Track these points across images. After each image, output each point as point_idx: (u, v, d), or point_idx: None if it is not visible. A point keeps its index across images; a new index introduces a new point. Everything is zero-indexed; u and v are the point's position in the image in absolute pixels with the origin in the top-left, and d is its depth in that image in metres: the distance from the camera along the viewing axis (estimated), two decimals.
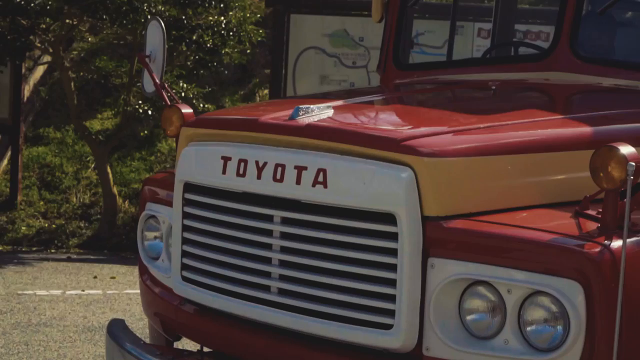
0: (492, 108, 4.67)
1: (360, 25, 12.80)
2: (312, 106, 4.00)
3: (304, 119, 3.93)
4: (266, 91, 15.59)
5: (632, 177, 3.32)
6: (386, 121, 4.43)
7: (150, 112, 13.15)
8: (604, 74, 4.91)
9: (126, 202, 14.21)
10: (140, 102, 13.25)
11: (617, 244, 3.36)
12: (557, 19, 5.05)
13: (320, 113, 3.99)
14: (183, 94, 12.89)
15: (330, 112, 4.02)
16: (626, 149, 3.37)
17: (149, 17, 11.75)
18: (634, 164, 3.32)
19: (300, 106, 3.98)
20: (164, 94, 4.89)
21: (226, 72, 15.59)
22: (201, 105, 13.19)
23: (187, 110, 4.64)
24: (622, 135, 3.88)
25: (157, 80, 4.92)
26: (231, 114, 4.69)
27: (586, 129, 4.06)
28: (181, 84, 13.19)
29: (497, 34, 6.30)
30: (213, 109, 13.59)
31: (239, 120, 4.28)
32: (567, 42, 4.96)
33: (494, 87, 4.99)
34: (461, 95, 5.10)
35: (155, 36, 5.00)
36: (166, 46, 4.99)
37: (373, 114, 4.49)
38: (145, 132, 14.76)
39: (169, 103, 4.79)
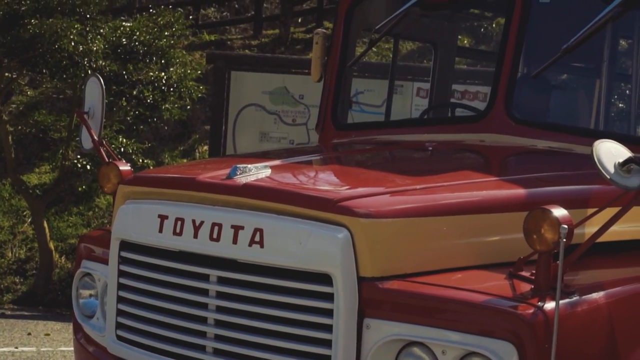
0: (429, 169, 4.71)
1: (301, 83, 12.87)
2: (249, 165, 4.01)
3: (241, 179, 3.94)
4: (206, 147, 15.57)
5: (564, 240, 3.37)
6: (323, 181, 4.46)
7: (88, 167, 13.08)
8: (538, 137, 4.98)
9: (62, 257, 14.06)
10: (78, 156, 13.17)
11: (550, 305, 3.39)
12: (492, 81, 5.12)
13: (257, 173, 4.01)
14: (122, 149, 12.85)
15: (267, 172, 4.04)
16: (559, 212, 3.42)
17: (89, 71, 11.75)
18: (566, 226, 3.37)
19: (238, 165, 4.00)
20: (101, 150, 4.88)
21: (166, 127, 15.57)
22: (140, 160, 13.14)
23: (124, 167, 4.64)
24: (555, 197, 3.93)
25: (95, 137, 4.92)
26: (169, 172, 4.69)
27: (520, 191, 4.11)
28: (120, 139, 13.15)
29: (434, 94, 6.38)
30: (152, 164, 13.55)
31: (176, 179, 4.28)
32: (503, 104, 5.02)
33: (430, 148, 5.04)
34: (398, 156, 5.15)
35: (94, 92, 5.00)
36: (105, 102, 4.99)
37: (310, 174, 4.52)
38: (84, 187, 14.67)
39: (106, 160, 4.77)
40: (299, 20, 19.89)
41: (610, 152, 3.50)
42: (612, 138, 3.70)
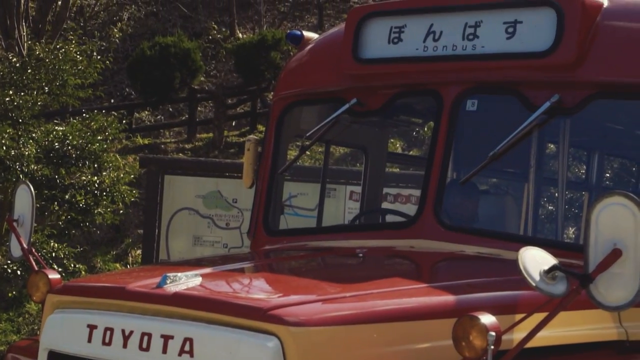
0: (359, 276, 4.74)
1: (234, 187, 12.88)
2: (179, 274, 4.01)
3: (171, 288, 3.94)
4: (139, 251, 15.46)
5: (492, 347, 3.40)
6: (254, 290, 4.46)
7: (19, 272, 12.89)
8: (467, 242, 5.03)
9: None
10: (9, 261, 13.00)
11: None
12: (422, 187, 5.18)
13: (187, 281, 4.01)
14: (54, 254, 12.70)
15: (198, 280, 4.04)
16: (487, 319, 3.46)
17: (21, 176, 11.68)
18: (494, 333, 3.41)
19: (168, 274, 4.00)
20: (31, 258, 4.84)
21: (98, 232, 15.47)
22: (72, 265, 12.99)
23: (54, 276, 4.59)
24: (484, 304, 3.96)
25: (25, 245, 4.88)
26: (98, 281, 4.67)
27: (449, 298, 4.14)
28: (52, 244, 12.99)
29: (366, 199, 6.43)
30: (84, 269, 13.41)
31: (105, 288, 4.26)
32: (432, 210, 5.08)
33: (361, 255, 5.07)
34: (329, 263, 5.17)
35: (23, 200, 4.98)
36: (35, 209, 4.97)
37: (241, 282, 4.52)
38: (14, 292, 14.44)
39: (36, 268, 4.73)
40: (233, 124, 20.04)
41: (535, 260, 3.56)
42: (539, 243, 3.77)
